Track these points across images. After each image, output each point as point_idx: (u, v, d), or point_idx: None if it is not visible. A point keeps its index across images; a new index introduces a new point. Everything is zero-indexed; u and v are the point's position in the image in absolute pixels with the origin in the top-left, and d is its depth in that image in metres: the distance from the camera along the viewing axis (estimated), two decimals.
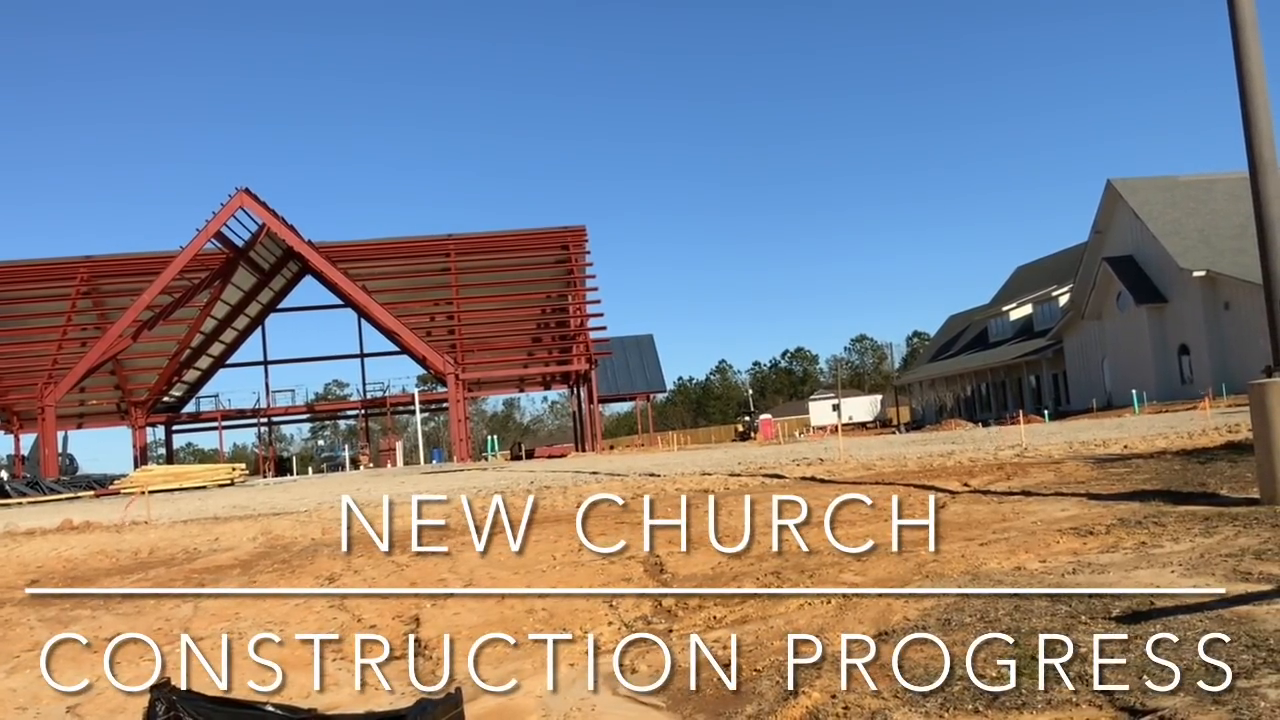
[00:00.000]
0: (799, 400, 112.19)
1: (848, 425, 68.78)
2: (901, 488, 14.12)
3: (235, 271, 59.38)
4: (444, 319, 61.30)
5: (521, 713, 5.13)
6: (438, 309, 62.05)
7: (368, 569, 10.37)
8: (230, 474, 45.53)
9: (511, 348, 62.67)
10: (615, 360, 68.68)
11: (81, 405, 63.67)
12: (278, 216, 55.68)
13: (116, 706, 5.94)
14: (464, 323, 59.95)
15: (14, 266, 62.21)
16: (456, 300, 60.48)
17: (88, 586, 11.05)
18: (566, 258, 62.62)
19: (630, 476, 22.02)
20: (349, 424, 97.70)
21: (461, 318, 60.07)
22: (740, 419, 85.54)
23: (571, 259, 62.40)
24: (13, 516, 26.94)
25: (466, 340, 59.13)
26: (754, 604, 7.02)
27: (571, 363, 61.70)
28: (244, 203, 54.09)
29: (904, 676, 4.80)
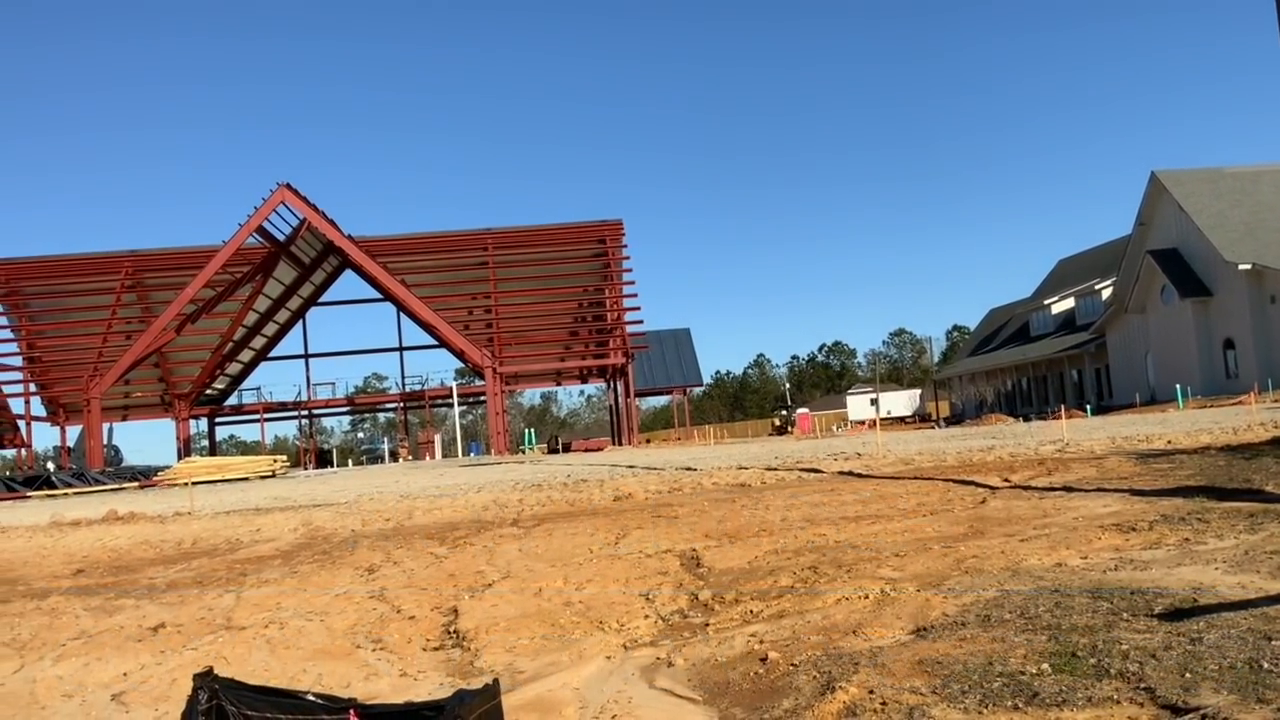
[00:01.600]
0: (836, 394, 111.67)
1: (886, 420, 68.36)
2: (940, 483, 14.02)
3: (277, 266, 59.94)
4: (482, 312, 61.57)
5: (558, 704, 5.15)
6: (475, 303, 62.32)
7: (407, 560, 10.45)
8: (272, 466, 46.02)
9: (548, 341, 62.82)
10: (652, 354, 68.69)
11: (126, 398, 64.60)
12: (318, 211, 56.13)
13: (160, 694, 6.03)
14: (501, 316, 60.18)
15: (61, 261, 63.24)
16: (494, 294, 60.72)
17: (132, 576, 11.23)
18: (603, 251, 62.65)
19: (667, 471, 22.03)
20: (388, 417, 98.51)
21: (499, 311, 60.31)
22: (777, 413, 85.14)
23: (608, 253, 62.43)
24: (59, 507, 27.41)
25: (504, 334, 59.35)
26: (791, 598, 7.01)
27: (608, 356, 61.76)
28: (285, 198, 54.58)
29: (942, 672, 4.77)
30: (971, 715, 4.18)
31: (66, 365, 60.63)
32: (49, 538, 16.44)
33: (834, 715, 4.43)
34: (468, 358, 59.82)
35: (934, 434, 37.27)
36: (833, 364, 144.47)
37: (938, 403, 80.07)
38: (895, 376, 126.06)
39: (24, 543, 15.83)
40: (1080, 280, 62.99)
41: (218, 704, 3.51)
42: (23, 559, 13.64)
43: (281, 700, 3.55)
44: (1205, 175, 50.88)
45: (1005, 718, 4.12)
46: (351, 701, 3.50)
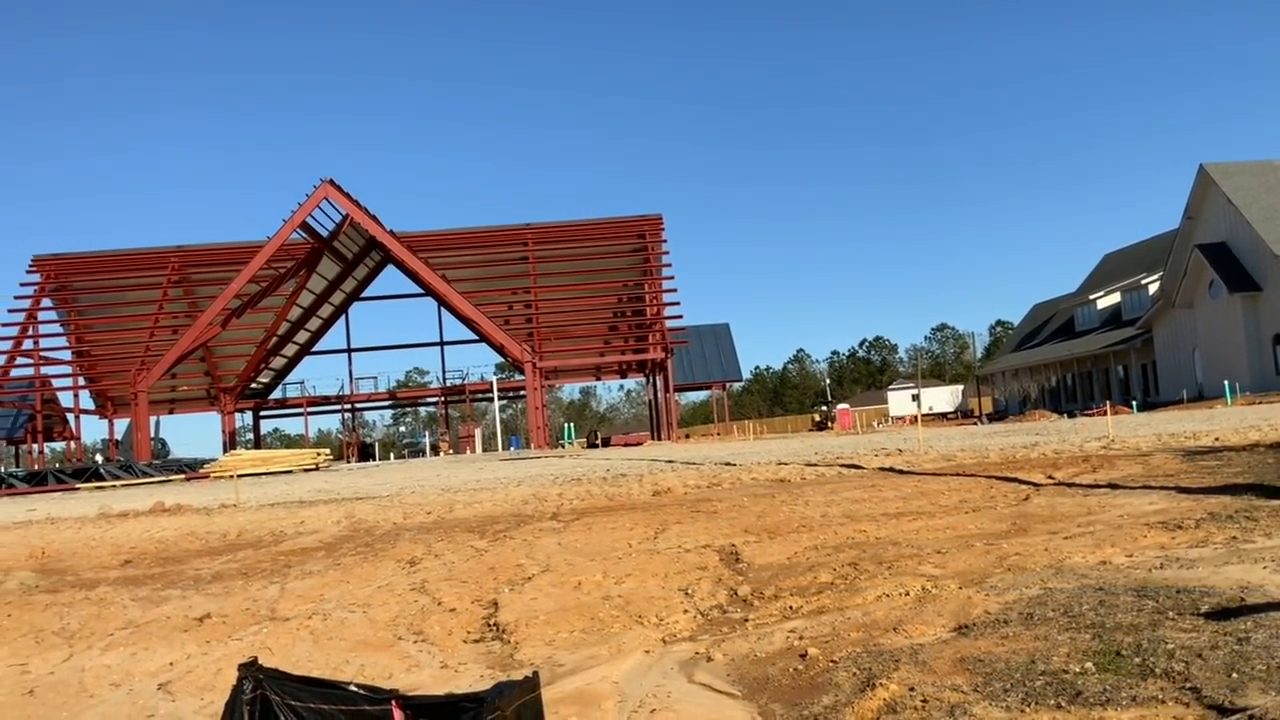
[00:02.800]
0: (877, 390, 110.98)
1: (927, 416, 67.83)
2: (983, 480, 13.90)
3: (320, 261, 60.55)
4: (522, 307, 61.83)
5: (598, 697, 5.16)
6: (515, 297, 62.61)
7: (448, 553, 10.52)
8: (315, 459, 46.51)
9: (588, 336, 62.97)
10: (691, 349, 68.60)
11: (173, 391, 65.60)
12: (361, 207, 56.61)
13: (206, 684, 6.12)
14: (541, 311, 60.39)
15: (109, 256, 64.28)
16: (534, 289, 60.95)
17: (178, 567, 11.40)
18: (643, 246, 62.68)
19: (706, 465, 22.01)
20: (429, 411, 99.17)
21: (539, 306, 60.52)
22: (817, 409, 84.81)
23: (648, 247, 62.45)
24: (107, 499, 27.88)
25: (544, 328, 59.55)
26: (831, 594, 6.98)
27: (648, 351, 61.80)
28: (328, 193, 55.11)
29: (984, 670, 4.74)
30: (1013, 714, 4.14)
31: (114, 359, 61.65)
32: (97, 529, 16.72)
33: (874, 712, 4.41)
34: (508, 352, 60.12)
35: (976, 430, 36.93)
36: (874, 359, 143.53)
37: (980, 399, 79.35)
38: (937, 372, 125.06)
39: (73, 534, 16.11)
40: (1127, 275, 62.12)
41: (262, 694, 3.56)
42: (71, 550, 13.89)
43: (325, 691, 3.59)
44: (1255, 168, 49.97)
45: (1048, 717, 4.08)
46: (393, 693, 3.53)
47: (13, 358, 58.71)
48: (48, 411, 63.25)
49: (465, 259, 62.44)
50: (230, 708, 3.53)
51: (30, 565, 12.45)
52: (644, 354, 62.63)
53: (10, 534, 16.87)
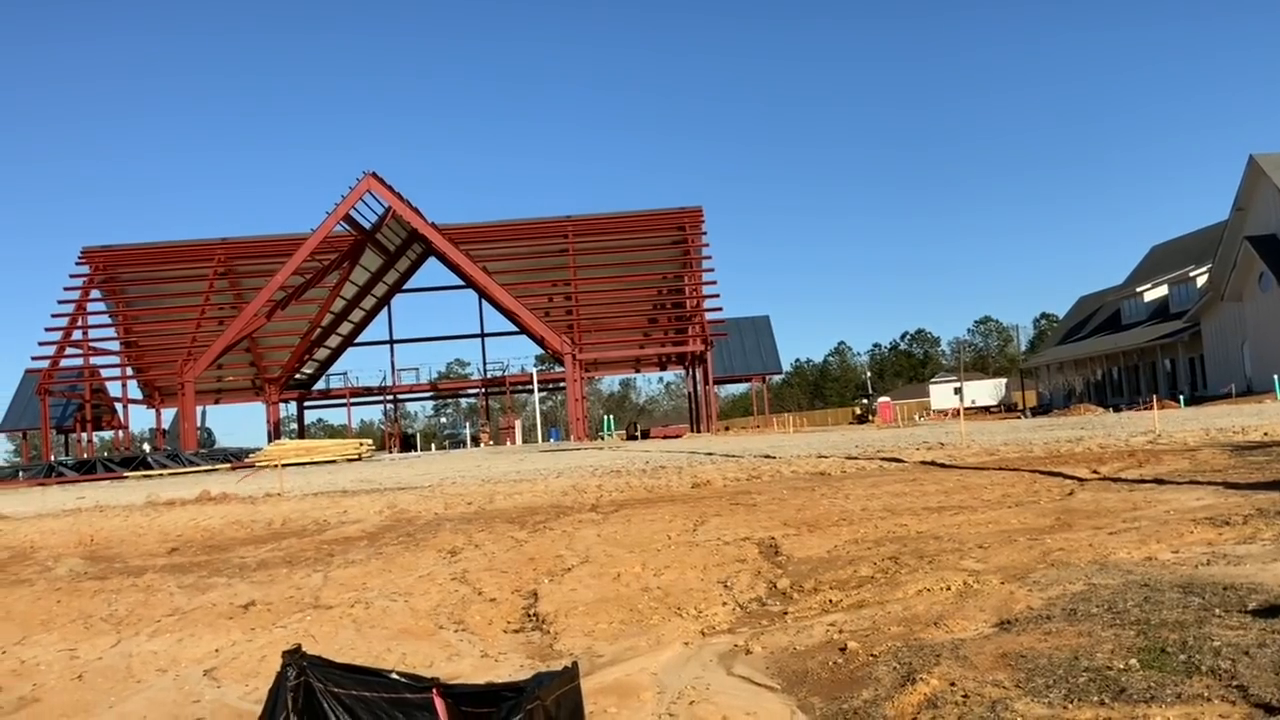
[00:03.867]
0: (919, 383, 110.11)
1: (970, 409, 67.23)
2: (1026, 474, 13.76)
3: (363, 253, 61.04)
4: (562, 299, 61.96)
5: (636, 688, 5.18)
6: (556, 289, 62.73)
7: (488, 543, 10.59)
8: (358, 449, 46.95)
9: (628, 328, 63.00)
10: (731, 341, 68.41)
11: (219, 381, 66.46)
12: (403, 199, 56.99)
13: (250, 671, 6.20)
14: (581, 303, 60.49)
15: (156, 248, 65.22)
16: (574, 281, 61.05)
17: (224, 555, 11.56)
18: (683, 238, 62.59)
19: (745, 458, 21.97)
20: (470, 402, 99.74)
21: (579, 298, 60.62)
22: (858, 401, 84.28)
23: (688, 240, 62.34)
24: (154, 487, 28.33)
25: (584, 321, 59.66)
26: (871, 588, 6.95)
27: (687, 343, 61.72)
28: (371, 186, 55.52)
29: (1026, 666, 4.69)
30: (1056, 710, 4.10)
31: (162, 350, 62.54)
32: (145, 517, 16.99)
33: (914, 707, 4.38)
34: (548, 344, 60.30)
35: (1020, 424, 36.55)
36: (915, 352, 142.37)
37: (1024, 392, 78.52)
38: (980, 365, 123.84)
39: (121, 521, 16.38)
40: (1174, 267, 61.11)
41: (305, 681, 3.60)
42: (120, 537, 14.12)
43: (367, 678, 3.63)
44: None
45: (1091, 713, 4.03)
46: (434, 681, 3.56)
47: (62, 348, 59.74)
48: (96, 401, 64.34)
49: (506, 251, 62.69)
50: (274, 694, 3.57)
51: (79, 552, 12.69)
52: (683, 346, 62.56)
53: (60, 521, 17.20)
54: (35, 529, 15.97)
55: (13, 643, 7.50)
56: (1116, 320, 66.53)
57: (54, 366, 59.60)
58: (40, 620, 8.27)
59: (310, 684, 3.60)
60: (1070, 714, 4.06)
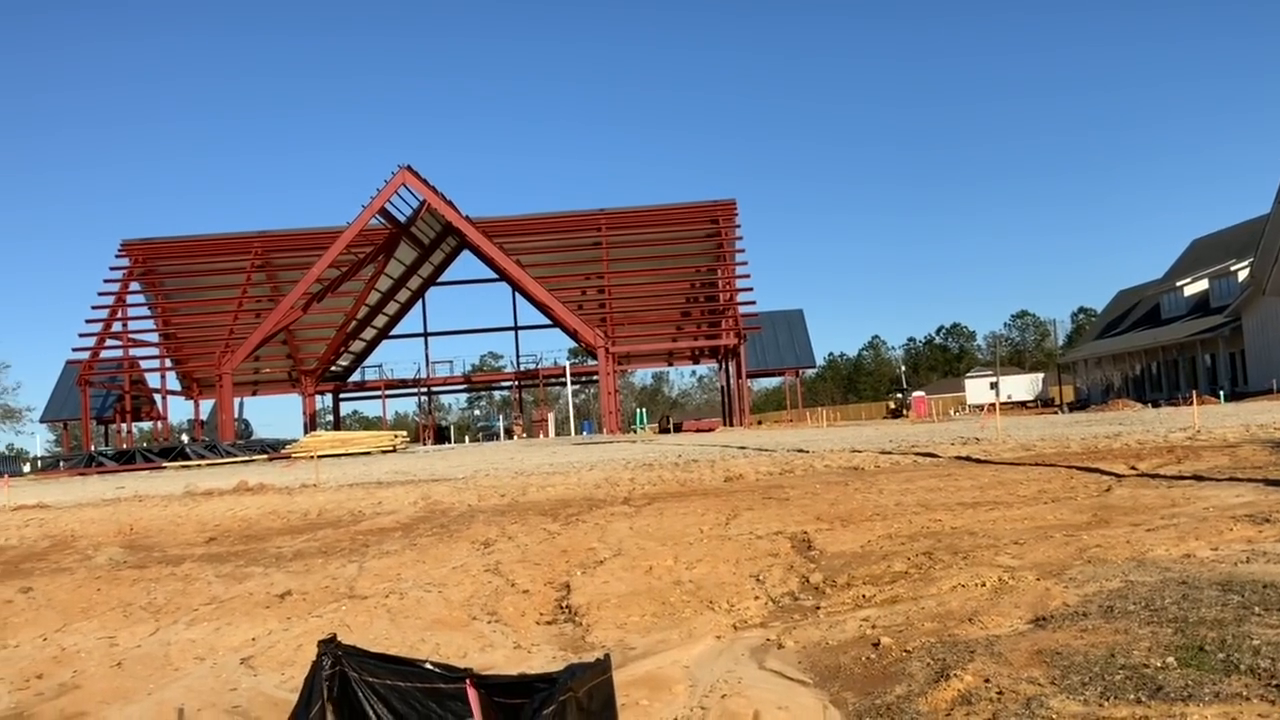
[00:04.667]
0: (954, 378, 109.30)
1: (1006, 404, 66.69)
2: (1063, 470, 13.63)
3: (398, 246, 61.41)
4: (595, 293, 62.05)
5: (668, 681, 5.18)
6: (589, 283, 62.84)
7: (521, 535, 10.63)
8: (393, 441, 47.27)
9: (661, 321, 62.98)
10: (764, 335, 68.24)
11: (256, 373, 67.16)
12: (437, 193, 57.26)
13: (286, 659, 6.27)
14: (614, 296, 60.54)
15: (194, 241, 65.96)
16: (607, 274, 61.11)
17: (261, 545, 11.68)
18: (716, 232, 62.48)
19: (778, 452, 21.91)
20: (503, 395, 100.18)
21: (612, 291, 60.67)
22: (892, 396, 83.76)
23: (721, 233, 62.23)
24: (192, 477, 28.67)
25: (617, 314, 59.71)
26: (905, 584, 6.91)
27: (720, 337, 61.62)
28: (406, 180, 55.83)
29: (1062, 663, 4.65)
30: (1091, 708, 4.06)
31: (200, 342, 63.28)
32: (183, 506, 17.20)
33: (948, 703, 4.36)
34: (581, 337, 60.42)
35: (1057, 419, 36.21)
36: (951, 346, 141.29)
37: (1061, 387, 77.76)
38: (1017, 360, 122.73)
39: (159, 511, 16.60)
40: (1215, 261, 60.25)
41: (341, 670, 3.63)
42: (158, 526, 14.31)
43: (401, 668, 3.66)
44: None
45: (1127, 711, 3.99)
46: (468, 671, 3.58)
47: (102, 340, 60.58)
48: (136, 392, 65.22)
49: (540, 244, 62.85)
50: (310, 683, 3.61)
51: (119, 541, 12.87)
52: (717, 340, 62.47)
53: (100, 511, 17.44)
54: (76, 518, 16.21)
55: (54, 630, 7.63)
56: (1156, 315, 65.73)
57: (94, 358, 60.46)
58: (80, 608, 8.40)
59: (345, 673, 3.63)
60: (1106, 712, 4.02)
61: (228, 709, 5.40)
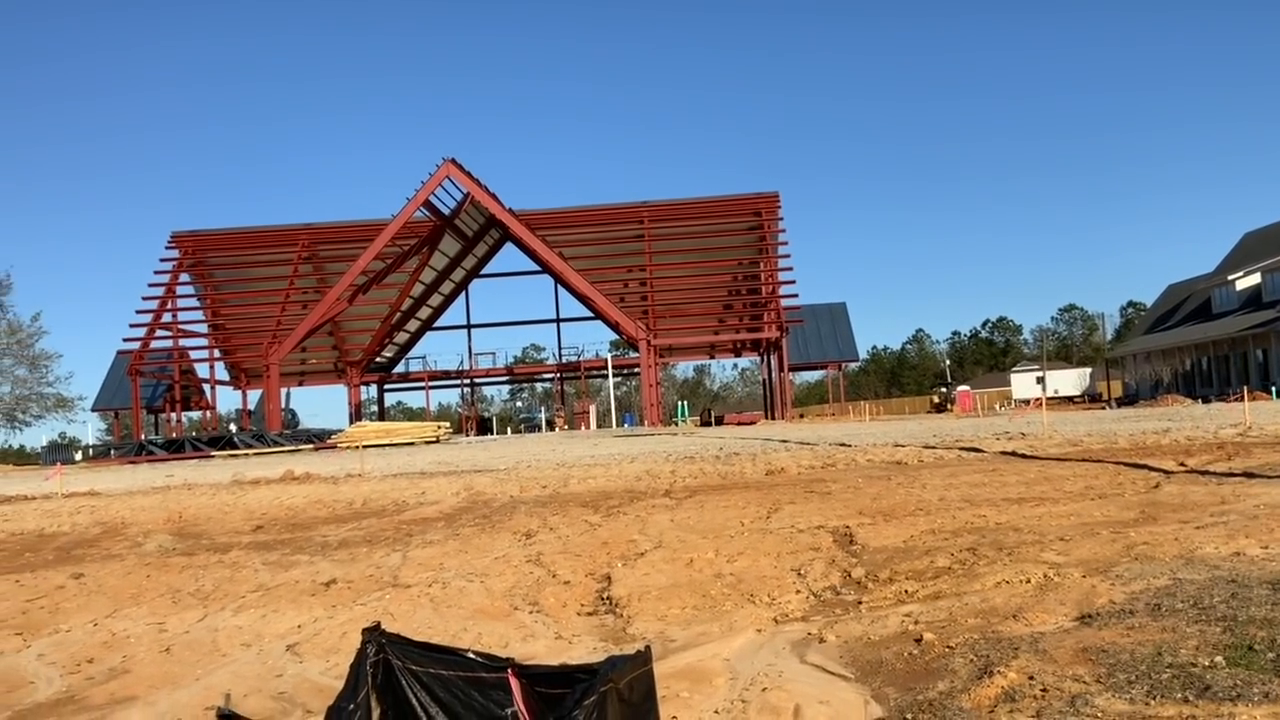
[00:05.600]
0: (1000, 372, 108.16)
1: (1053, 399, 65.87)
2: (1110, 466, 13.45)
3: (442, 239, 61.81)
4: (637, 285, 62.07)
5: (709, 674, 5.18)
6: (631, 275, 62.87)
7: (562, 527, 10.68)
8: (436, 432, 47.66)
9: (703, 314, 62.89)
10: (807, 328, 67.90)
11: (302, 364, 67.95)
12: (481, 185, 57.53)
13: (331, 647, 6.34)
14: (656, 289, 60.52)
15: (243, 233, 66.78)
16: (649, 267, 61.10)
17: (306, 533, 11.83)
18: (759, 224, 62.22)
19: (820, 446, 21.81)
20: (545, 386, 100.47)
21: (654, 284, 60.66)
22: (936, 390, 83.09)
23: (764, 225, 61.97)
24: (240, 466, 29.08)
25: (658, 306, 59.69)
26: (948, 580, 6.86)
27: (762, 330, 61.43)
28: (450, 173, 56.15)
29: (1108, 661, 4.60)
30: (1138, 706, 4.01)
31: (248, 333, 64.10)
32: (231, 495, 17.45)
33: (991, 700, 4.32)
34: (623, 330, 60.49)
35: (1104, 415, 35.72)
36: (997, 340, 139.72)
37: (1109, 382, 76.71)
38: (1064, 354, 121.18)
39: (208, 499, 16.85)
40: (1268, 254, 59.06)
41: (384, 658, 3.67)
42: (207, 514, 14.53)
43: (444, 657, 3.69)
44: None
45: (1174, 710, 3.94)
46: (509, 661, 3.60)
47: (153, 330, 61.55)
48: (185, 382, 66.21)
49: (582, 237, 62.96)
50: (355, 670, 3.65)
51: (168, 529, 13.09)
52: (759, 333, 62.27)
53: (149, 498, 17.74)
54: (126, 506, 16.50)
55: (104, 615, 7.77)
56: (1207, 309, 64.61)
57: (144, 348, 61.45)
58: (130, 594, 8.55)
59: (389, 661, 3.67)
60: (1152, 710, 3.97)
61: (273, 695, 5.47)
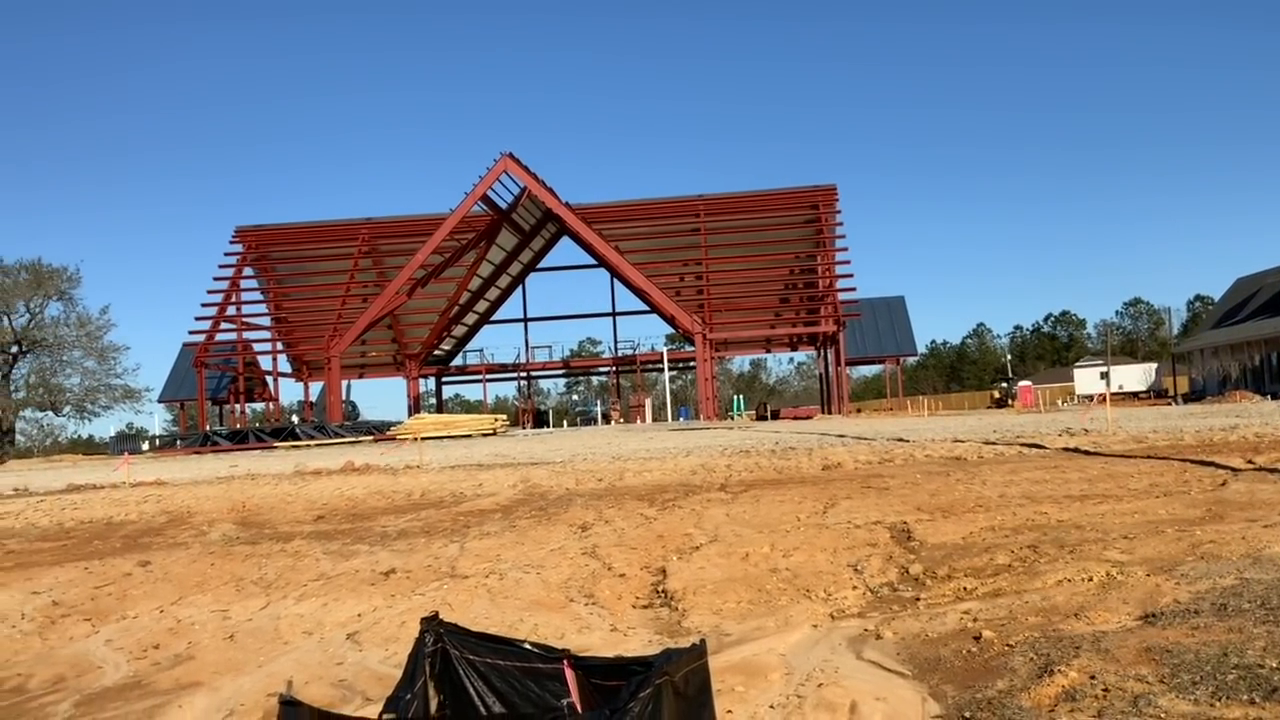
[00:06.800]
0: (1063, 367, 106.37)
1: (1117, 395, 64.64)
2: (1176, 463, 13.18)
3: (499, 233, 62.24)
4: (693, 279, 61.99)
5: (764, 669, 5.17)
6: (687, 269, 62.81)
7: (618, 520, 10.70)
8: (493, 424, 48.05)
9: (759, 308, 62.65)
10: (864, 322, 67.34)
11: (363, 357, 68.89)
12: (538, 179, 57.81)
13: (390, 636, 6.42)
14: (712, 283, 60.39)
15: (305, 228, 67.82)
16: (705, 260, 60.97)
17: (366, 524, 11.99)
18: (816, 217, 61.81)
19: (877, 441, 21.63)
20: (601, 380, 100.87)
21: (710, 277, 60.53)
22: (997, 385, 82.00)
23: (821, 218, 61.55)
24: (302, 457, 29.54)
25: (714, 300, 59.57)
26: (1008, 577, 6.77)
27: (819, 324, 61.03)
28: (507, 167, 56.49)
29: (1172, 661, 4.51)
30: (1202, 708, 3.93)
31: (309, 326, 65.12)
32: (293, 485, 17.73)
33: (1051, 699, 4.26)
34: (678, 323, 60.45)
35: (1170, 411, 35.01)
36: (1059, 335, 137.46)
37: (1175, 378, 75.11)
38: (1129, 349, 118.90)
39: (270, 489, 17.14)
40: None
41: (442, 647, 3.71)
42: (270, 504, 14.78)
43: (500, 647, 3.72)
44: None
45: (1240, 712, 3.85)
46: (565, 652, 3.62)
47: (217, 323, 62.76)
48: (249, 374, 67.44)
49: (638, 230, 63.01)
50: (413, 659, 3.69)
51: (232, 518, 13.34)
52: (815, 327, 61.88)
53: (214, 488, 18.10)
54: (191, 495, 16.85)
55: (170, 603, 7.95)
56: (1277, 303, 63.00)
57: (209, 341, 62.69)
58: (195, 582, 8.73)
59: (447, 650, 3.71)
60: (1218, 712, 3.89)
61: (334, 682, 5.56)
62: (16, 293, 69.81)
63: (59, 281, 71.83)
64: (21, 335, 69.12)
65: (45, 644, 6.97)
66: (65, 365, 72.54)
